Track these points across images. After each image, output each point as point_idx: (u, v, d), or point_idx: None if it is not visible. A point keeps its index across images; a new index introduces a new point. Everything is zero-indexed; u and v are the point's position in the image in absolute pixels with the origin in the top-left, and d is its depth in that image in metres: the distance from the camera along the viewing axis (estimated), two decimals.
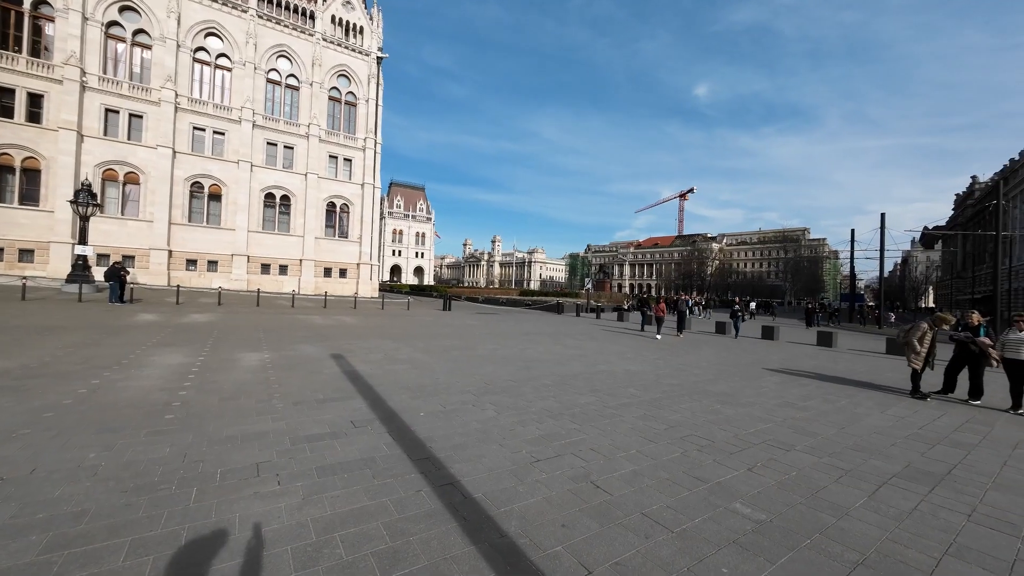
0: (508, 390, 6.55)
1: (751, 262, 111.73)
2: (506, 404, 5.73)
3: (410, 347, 10.53)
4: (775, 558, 2.58)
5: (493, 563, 2.38)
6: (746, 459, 4.18)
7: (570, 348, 12.04)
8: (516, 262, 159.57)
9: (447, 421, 4.88)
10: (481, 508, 2.98)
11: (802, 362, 11.47)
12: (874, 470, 4.07)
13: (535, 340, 13.59)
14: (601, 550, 2.56)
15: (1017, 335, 6.77)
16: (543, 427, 4.84)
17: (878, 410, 6.51)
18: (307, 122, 37.09)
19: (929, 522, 3.12)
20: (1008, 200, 46.42)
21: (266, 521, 2.68)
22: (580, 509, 3.04)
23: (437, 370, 7.82)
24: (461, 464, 3.69)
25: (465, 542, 2.56)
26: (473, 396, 6.06)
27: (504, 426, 4.81)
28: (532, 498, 3.16)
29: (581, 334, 16.44)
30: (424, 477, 3.41)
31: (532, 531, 2.72)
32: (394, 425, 4.63)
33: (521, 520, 2.84)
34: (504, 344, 12.15)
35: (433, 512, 2.89)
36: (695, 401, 6.46)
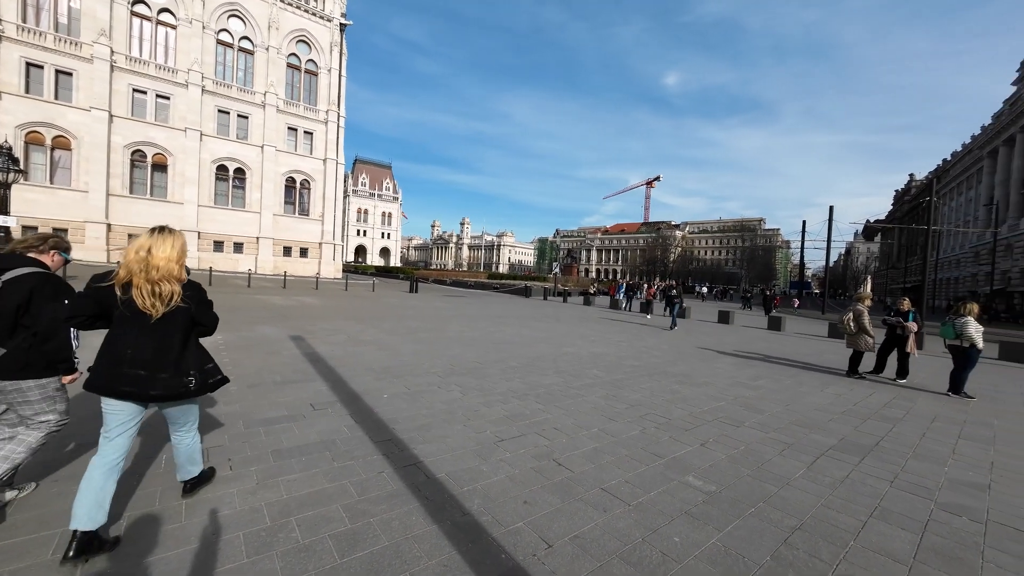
0: (474, 371, 6.55)
1: (711, 250, 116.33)
2: (472, 385, 5.74)
3: (375, 328, 10.31)
4: (723, 526, 2.74)
5: (455, 541, 2.39)
6: (700, 435, 4.40)
7: (537, 331, 12.17)
8: (485, 245, 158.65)
9: (412, 402, 4.83)
10: (444, 488, 2.98)
11: (754, 345, 12.15)
12: (813, 443, 4.39)
13: (502, 322, 13.64)
14: (562, 524, 2.63)
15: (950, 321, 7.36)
16: (508, 407, 4.89)
17: (819, 389, 7.01)
18: (263, 90, 34.74)
19: (858, 489, 3.41)
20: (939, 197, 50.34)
21: (217, 507, 2.57)
22: (542, 486, 3.10)
23: (402, 351, 7.70)
24: (425, 445, 3.67)
25: (427, 521, 2.56)
26: (439, 377, 6.02)
27: (469, 407, 4.81)
28: (495, 477, 3.19)
29: (548, 317, 16.65)
30: (387, 458, 3.36)
31: (495, 508, 2.75)
32: (356, 407, 4.53)
33: (484, 498, 2.87)
34: (471, 326, 12.12)
35: (395, 493, 2.86)
36: (655, 381, 6.72)
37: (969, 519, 3.05)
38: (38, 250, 2.47)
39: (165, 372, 2.22)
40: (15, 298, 2.26)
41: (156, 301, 2.18)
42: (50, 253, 2.51)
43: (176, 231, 2.35)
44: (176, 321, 2.26)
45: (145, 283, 2.17)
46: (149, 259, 2.18)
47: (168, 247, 2.24)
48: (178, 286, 2.24)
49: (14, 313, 2.27)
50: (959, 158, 50.48)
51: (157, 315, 2.19)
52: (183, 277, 2.30)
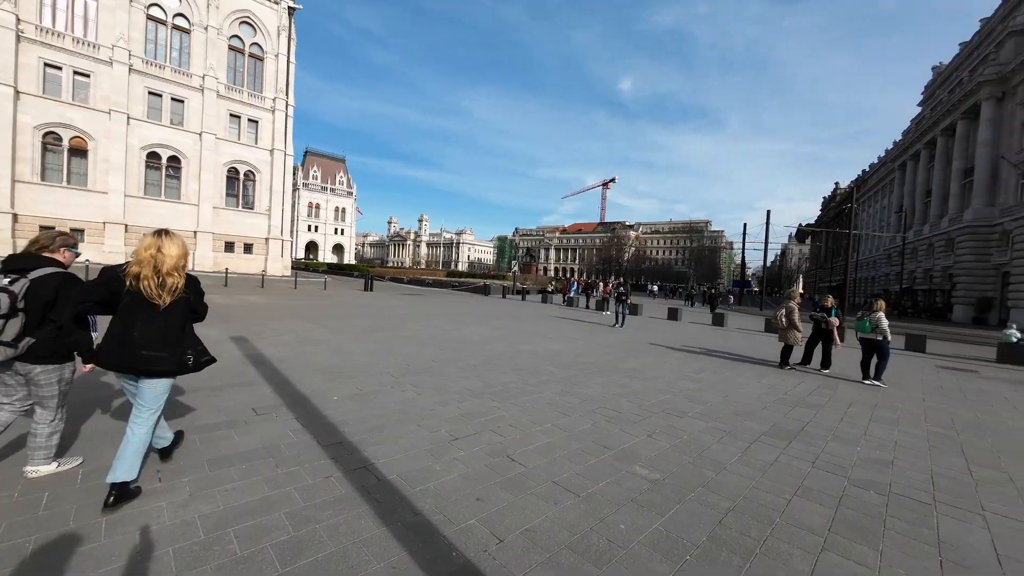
0: (430, 370, 6.48)
1: (663, 250, 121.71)
2: (428, 384, 5.67)
3: (326, 328, 9.91)
4: (665, 511, 2.90)
5: (405, 542, 2.37)
6: (647, 427, 4.61)
7: (495, 329, 12.21)
8: (444, 243, 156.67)
9: (364, 404, 4.70)
10: (396, 489, 2.93)
11: (700, 340, 12.88)
12: (748, 430, 4.73)
13: (460, 321, 13.56)
14: (513, 519, 2.68)
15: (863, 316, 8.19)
16: (464, 406, 4.88)
17: (755, 380, 7.56)
18: (201, 73, 32.25)
19: (785, 470, 3.72)
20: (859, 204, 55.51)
21: (143, 523, 2.38)
22: (495, 482, 3.13)
23: (355, 352, 7.47)
24: (376, 447, 3.59)
25: (376, 524, 2.51)
26: (393, 378, 5.90)
27: (424, 406, 4.76)
28: (448, 476, 3.18)
29: (506, 315, 16.74)
30: (335, 462, 3.26)
31: (447, 507, 2.75)
32: (304, 410, 4.35)
33: (436, 498, 2.86)
34: (428, 325, 11.96)
35: (343, 497, 2.78)
36: (607, 377, 6.95)
37: (875, 492, 3.41)
38: (50, 249, 2.76)
39: (167, 351, 2.61)
40: (44, 295, 2.60)
41: (164, 293, 2.57)
42: (61, 251, 2.80)
43: (178, 234, 2.75)
44: (178, 309, 2.66)
45: (154, 276, 2.55)
46: (159, 256, 2.57)
47: (175, 247, 2.64)
48: (183, 279, 2.67)
49: (43, 308, 2.61)
50: (875, 169, 56.03)
51: (164, 304, 2.58)
52: (186, 272, 2.72)
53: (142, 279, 2.53)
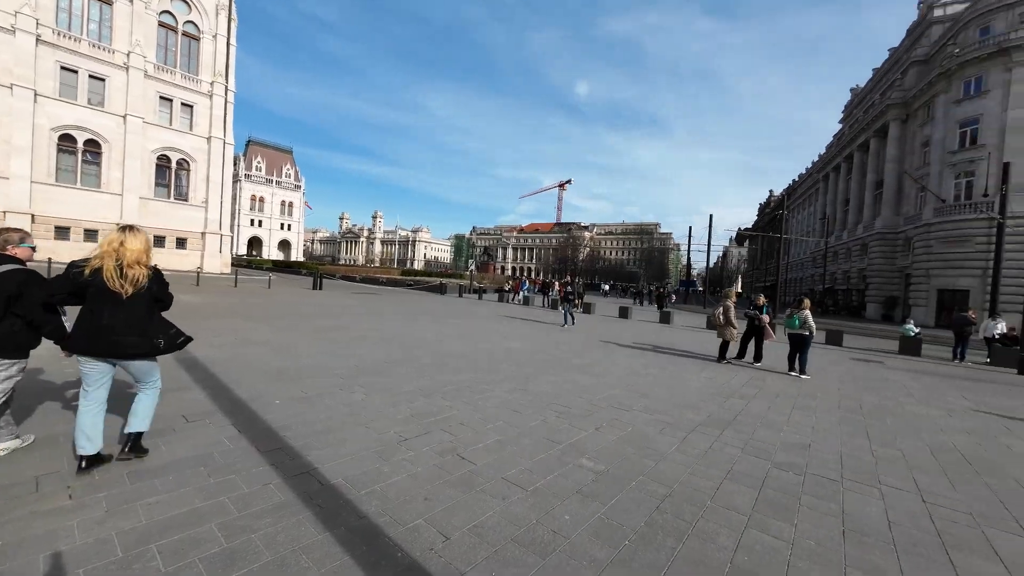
0: (382, 371, 6.33)
1: (615, 250, 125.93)
2: (378, 386, 5.54)
3: (270, 328, 9.39)
4: (607, 500, 3.04)
5: (348, 546, 2.32)
6: (595, 421, 4.79)
7: (451, 328, 12.12)
8: (399, 240, 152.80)
9: (308, 407, 4.51)
10: (340, 493, 2.86)
11: (648, 337, 13.49)
12: (687, 421, 5.04)
13: (415, 320, 13.33)
14: (461, 517, 2.70)
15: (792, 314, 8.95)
16: (415, 406, 4.82)
17: (696, 373, 8.05)
18: (126, 49, 29.33)
19: (717, 457, 4.01)
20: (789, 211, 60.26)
21: (50, 544, 2.16)
22: (444, 481, 3.13)
23: (301, 353, 7.14)
24: (320, 451, 3.47)
25: (318, 530, 2.44)
26: (341, 379, 5.71)
27: (373, 408, 4.65)
28: (396, 477, 3.14)
29: (463, 314, 16.66)
30: (275, 469, 3.12)
31: (393, 509, 2.72)
32: (242, 416, 4.11)
33: (382, 500, 2.82)
34: (381, 324, 11.65)
35: (283, 504, 2.67)
36: (559, 374, 7.13)
37: (794, 474, 3.77)
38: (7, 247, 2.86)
39: (135, 336, 2.86)
40: (6, 290, 2.72)
41: (126, 283, 2.79)
42: (19, 247, 2.92)
43: (142, 230, 3.00)
44: (142, 299, 2.88)
45: (115, 269, 2.78)
46: (121, 250, 2.81)
47: (137, 242, 2.88)
48: (146, 271, 2.90)
49: (5, 303, 2.74)
50: (803, 179, 61.24)
51: (127, 295, 2.80)
52: (150, 264, 2.96)
53: (104, 271, 2.75)
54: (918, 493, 3.55)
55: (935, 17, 33.11)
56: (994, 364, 12.43)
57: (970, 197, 26.93)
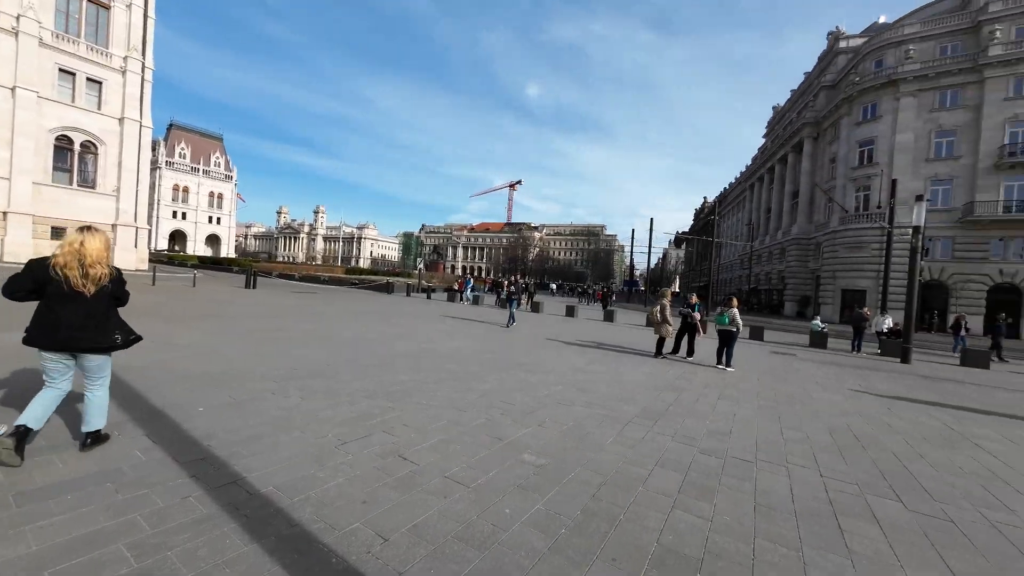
0: (321, 373, 6.06)
1: (564, 251, 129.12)
2: (316, 388, 5.30)
3: (193, 330, 8.64)
4: (547, 492, 3.15)
5: (278, 555, 2.22)
6: (538, 417, 4.92)
7: (397, 328, 11.83)
8: (344, 237, 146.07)
9: (237, 413, 4.23)
10: (271, 502, 2.72)
11: (592, 335, 14.01)
12: (624, 414, 5.32)
13: (360, 320, 12.86)
14: (400, 517, 2.67)
15: (722, 312, 9.71)
16: (356, 408, 4.68)
17: (635, 368, 8.50)
18: (15, 12, 25.51)
19: (650, 446, 4.28)
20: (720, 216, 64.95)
21: None
22: (384, 483, 3.08)
23: (230, 356, 6.65)
24: (250, 459, 3.28)
25: (246, 541, 2.31)
26: (275, 383, 5.40)
27: (310, 411, 4.45)
28: (333, 481, 3.04)
29: (410, 314, 16.32)
30: (196, 481, 2.90)
31: (329, 514, 2.64)
32: (158, 425, 3.77)
33: (317, 505, 2.72)
34: (322, 325, 11.13)
35: (206, 517, 2.50)
36: (505, 372, 7.22)
37: (716, 458, 4.11)
38: None
39: (93, 332, 3.03)
40: None
41: (88, 282, 2.96)
42: None
43: (100, 230, 3.15)
44: (102, 296, 3.06)
45: (78, 268, 2.93)
46: (82, 250, 2.96)
47: (96, 242, 3.03)
48: (106, 270, 3.06)
49: None
50: (733, 187, 66.47)
51: (90, 293, 2.98)
52: (111, 263, 3.14)
53: (67, 270, 2.90)
54: (817, 469, 4.02)
55: (840, 48, 37.30)
56: (883, 354, 14.27)
57: (867, 208, 30.65)
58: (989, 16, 28.49)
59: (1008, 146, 26.94)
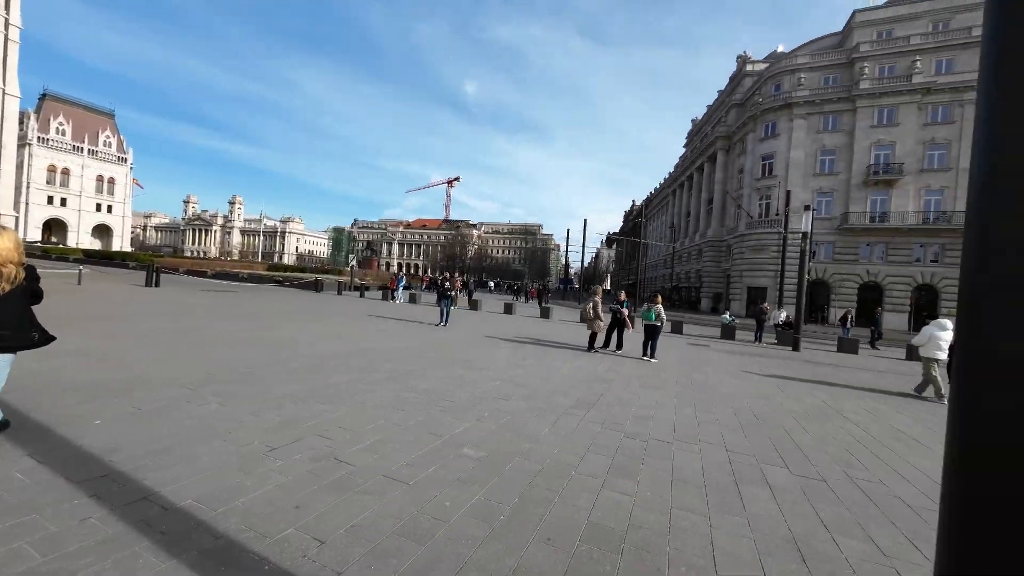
0: (243, 378, 5.63)
1: (502, 249, 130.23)
2: (238, 394, 4.94)
3: (83, 333, 7.55)
4: (486, 483, 3.26)
5: (201, 570, 2.10)
6: (477, 412, 5.02)
7: (328, 327, 11.26)
8: (266, 231, 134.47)
9: (143, 424, 3.82)
10: (190, 515, 2.53)
11: (529, 331, 14.39)
12: (559, 405, 5.60)
13: (285, 320, 12.04)
14: (337, 519, 2.63)
15: (648, 308, 10.47)
16: (284, 413, 4.44)
17: (568, 362, 8.91)
18: None
19: (583, 434, 4.57)
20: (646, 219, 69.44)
21: None
22: (319, 487, 3.00)
23: (131, 362, 5.95)
24: (161, 472, 3.00)
25: (162, 559, 2.15)
26: (188, 390, 4.94)
27: (232, 418, 4.15)
28: (262, 489, 2.90)
29: (342, 313, 15.58)
30: (97, 500, 2.61)
31: (258, 523, 2.52)
32: (45, 443, 3.30)
33: (245, 515, 2.58)
34: (242, 326, 10.27)
35: (111, 538, 2.27)
36: (445, 369, 7.23)
37: (639, 441, 4.50)
38: None
39: (10, 330, 3.05)
40: None
41: (2, 281, 2.94)
42: None
43: (10, 228, 3.10)
44: (17, 295, 3.06)
45: None
46: None
47: (7, 241, 2.99)
48: (21, 268, 3.05)
49: None
50: (658, 192, 71.46)
51: (3, 292, 2.96)
52: (23, 261, 3.11)
53: None
54: (723, 446, 4.56)
55: (747, 71, 41.63)
56: (779, 344, 16.30)
57: (768, 215, 34.62)
58: (860, 54, 33.51)
59: (873, 166, 31.97)
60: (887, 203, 31.81)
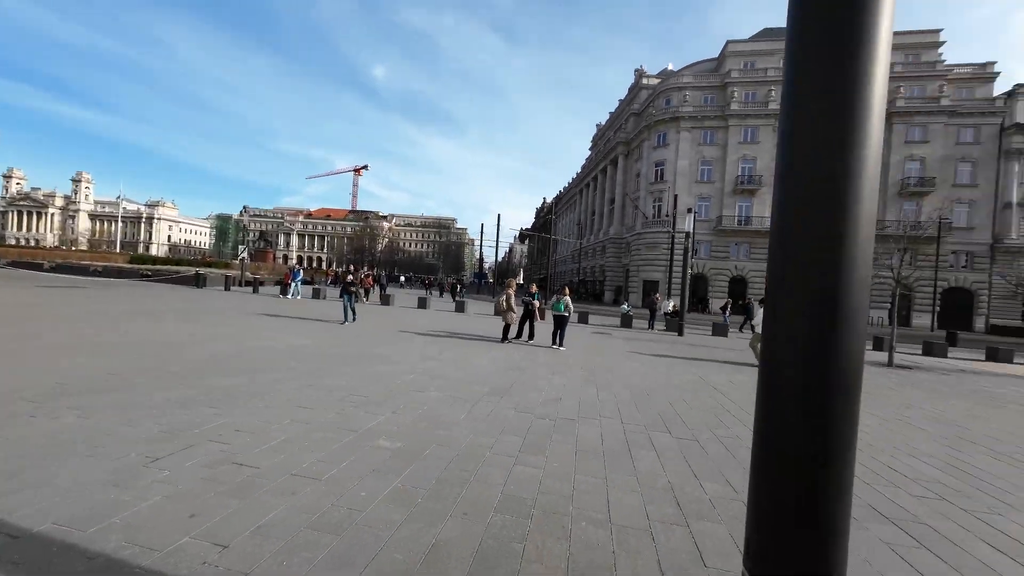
0: (109, 386, 4.86)
1: (415, 242, 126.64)
2: (101, 405, 4.26)
3: None
4: (403, 471, 3.31)
5: None
6: (392, 405, 4.98)
7: (214, 327, 10.06)
8: (127, 216, 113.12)
9: None
10: (53, 539, 2.21)
11: (444, 325, 14.36)
12: (474, 394, 5.79)
13: (159, 320, 10.46)
14: (241, 522, 2.49)
15: (558, 299, 11.12)
16: (166, 421, 3.96)
17: (483, 353, 9.15)
18: None
19: (496, 419, 4.81)
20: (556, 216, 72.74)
21: None
22: (217, 492, 2.79)
23: None
24: (9, 497, 2.54)
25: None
26: (34, 404, 4.13)
27: (99, 431, 3.60)
28: (146, 502, 2.61)
29: (232, 310, 13.96)
30: None
31: (144, 537, 2.29)
32: None
33: (127, 531, 2.32)
34: (102, 327, 8.71)
35: None
36: (355, 366, 6.97)
37: (548, 420, 4.88)
38: None
39: None
40: None
41: None
42: None
43: None
44: None
45: None
46: None
47: None
48: None
49: None
50: (567, 190, 75.35)
51: None
52: None
53: None
54: (619, 419, 5.15)
55: (643, 84, 45.79)
56: (668, 330, 18.47)
57: (660, 216, 38.66)
58: (731, 80, 38.94)
59: (740, 177, 37.51)
60: (751, 209, 37.59)
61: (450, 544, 2.43)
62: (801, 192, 1.16)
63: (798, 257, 1.18)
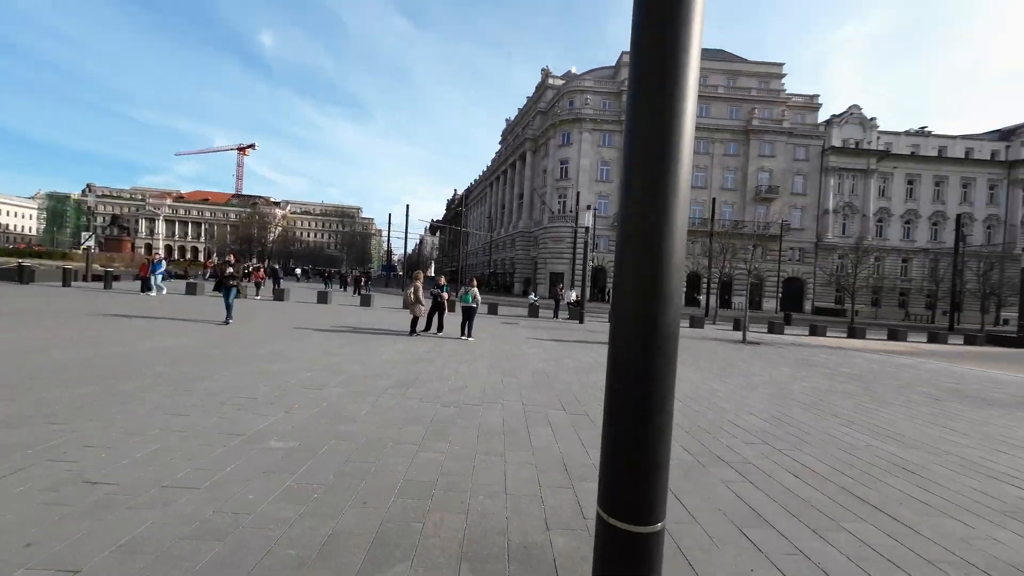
0: None
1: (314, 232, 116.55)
2: None
3: None
4: (297, 470, 3.18)
5: None
6: (285, 404, 4.68)
7: (52, 330, 8.30)
8: None
9: None
10: None
11: (347, 319, 13.61)
12: (378, 387, 5.68)
13: None
14: (98, 542, 2.21)
15: (466, 291, 11.22)
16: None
17: (389, 347, 8.94)
18: None
19: (401, 410, 4.81)
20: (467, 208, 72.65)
21: None
22: (62, 516, 2.42)
23: None
24: None
25: None
26: None
27: None
28: None
29: (75, 311, 11.60)
30: None
31: None
32: None
33: None
34: None
35: None
36: (241, 365, 6.35)
37: (453, 407, 5.02)
38: None
39: None
40: None
41: None
42: None
43: None
44: None
45: None
46: None
47: None
48: None
49: None
50: (478, 183, 75.58)
51: None
52: None
53: None
54: (521, 401, 5.49)
55: (549, 84, 47.65)
56: (571, 318, 19.79)
57: (564, 211, 40.89)
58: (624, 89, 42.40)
59: None
60: None
61: (348, 533, 2.45)
62: (637, 194, 1.45)
63: (633, 247, 1.47)
